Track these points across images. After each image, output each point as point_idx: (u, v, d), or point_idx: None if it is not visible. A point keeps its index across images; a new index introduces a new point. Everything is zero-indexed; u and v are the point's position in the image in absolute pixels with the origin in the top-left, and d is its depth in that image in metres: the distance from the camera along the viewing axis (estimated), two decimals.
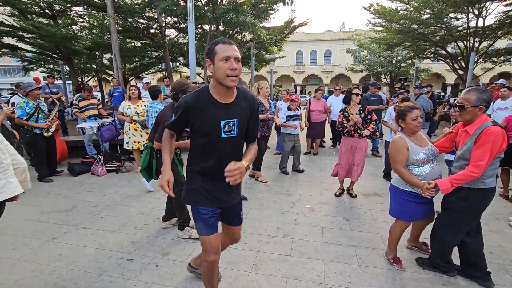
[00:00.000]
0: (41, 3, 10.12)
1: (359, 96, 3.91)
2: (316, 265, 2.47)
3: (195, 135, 1.61)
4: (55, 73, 15.10)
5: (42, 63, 14.19)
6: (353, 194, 4.04)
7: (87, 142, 5.62)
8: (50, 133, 4.66)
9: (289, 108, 4.90)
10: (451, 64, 14.48)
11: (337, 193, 4.10)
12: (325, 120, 6.62)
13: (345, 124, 3.82)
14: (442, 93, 20.41)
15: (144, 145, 3.21)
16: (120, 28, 11.24)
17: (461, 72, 13.70)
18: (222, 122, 1.53)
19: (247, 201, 3.84)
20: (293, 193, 4.17)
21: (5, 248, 2.70)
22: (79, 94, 5.79)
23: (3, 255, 2.58)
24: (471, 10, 11.65)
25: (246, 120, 1.64)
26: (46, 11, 10.56)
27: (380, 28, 15.62)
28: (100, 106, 5.91)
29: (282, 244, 2.80)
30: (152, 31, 12.86)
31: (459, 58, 13.76)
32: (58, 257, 2.57)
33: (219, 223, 1.81)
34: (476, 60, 12.24)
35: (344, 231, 3.07)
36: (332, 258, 2.57)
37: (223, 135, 1.56)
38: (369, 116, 3.84)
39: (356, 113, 3.77)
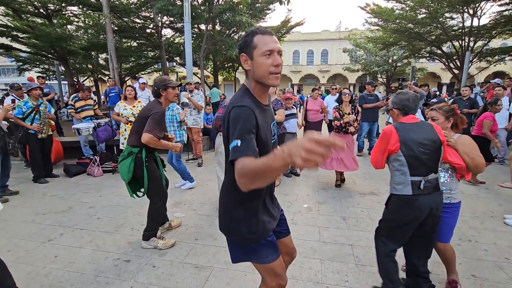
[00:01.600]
0: (36, 3, 10.03)
1: (347, 95, 4.31)
2: (313, 264, 2.47)
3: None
4: (51, 73, 14.99)
5: (37, 63, 14.08)
6: (343, 177, 4.57)
7: (83, 142, 5.58)
8: (44, 135, 4.61)
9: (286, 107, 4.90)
10: (447, 64, 14.60)
11: (337, 184, 4.46)
12: (322, 119, 6.64)
13: (339, 119, 4.23)
14: (438, 92, 20.56)
15: (125, 151, 2.62)
16: (116, 28, 11.18)
17: (456, 71, 13.81)
18: (272, 126, 1.34)
19: None
20: (290, 193, 4.17)
21: (0, 250, 2.68)
22: (75, 95, 5.74)
23: None
24: (466, 10, 11.75)
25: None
26: (41, 10, 10.47)
27: (376, 28, 15.70)
28: (96, 106, 5.87)
29: None
30: (148, 31, 12.80)
31: (454, 58, 13.87)
32: (54, 258, 2.55)
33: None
34: (471, 59, 12.34)
35: (341, 230, 3.09)
36: (329, 257, 2.58)
37: (272, 141, 1.32)
38: (356, 116, 4.28)
39: (349, 113, 4.22)
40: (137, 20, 12.20)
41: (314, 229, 3.10)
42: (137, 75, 11.01)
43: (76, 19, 12.42)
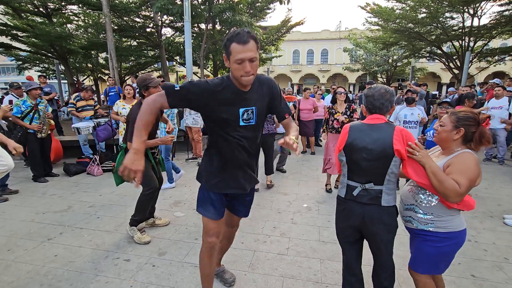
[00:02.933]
0: (35, 1, 9.99)
1: (343, 94, 4.25)
2: (313, 264, 2.47)
3: (213, 123, 1.61)
4: (50, 72, 14.96)
5: (37, 62, 14.05)
6: (336, 185, 4.39)
7: (82, 142, 5.58)
8: (43, 135, 4.60)
9: None
10: (447, 64, 14.59)
11: (328, 189, 4.28)
12: (315, 119, 6.69)
13: (330, 121, 4.21)
14: (437, 93, 20.56)
15: (119, 145, 3.15)
16: (115, 27, 11.15)
17: (456, 71, 13.81)
18: (241, 110, 1.55)
19: None
20: (290, 192, 4.18)
21: None
22: (77, 94, 5.74)
23: None
24: (466, 10, 11.74)
25: (265, 106, 1.66)
26: (41, 9, 10.43)
27: (376, 27, 15.69)
28: (98, 106, 5.87)
29: (278, 243, 2.81)
30: (148, 30, 12.77)
31: (454, 57, 13.86)
32: (53, 257, 2.55)
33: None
34: (471, 59, 12.33)
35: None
36: (328, 257, 2.58)
37: (241, 123, 1.57)
38: (352, 114, 4.17)
39: (342, 112, 4.17)
40: (137, 19, 12.18)
41: (314, 229, 3.10)
42: (137, 74, 11.00)
43: (76, 18, 12.39)
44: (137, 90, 2.70)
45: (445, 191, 1.46)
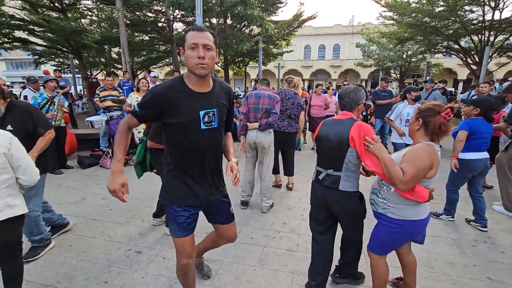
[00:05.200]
0: None
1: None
2: None
3: (170, 130, 1.47)
4: (65, 66, 15.30)
5: (52, 56, 14.38)
6: None
7: (102, 133, 5.62)
8: (57, 123, 4.67)
9: None
10: (464, 59, 14.09)
11: None
12: (326, 115, 6.60)
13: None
14: (454, 90, 19.94)
15: (139, 138, 3.20)
16: (128, 22, 11.27)
17: (474, 67, 13.33)
18: (201, 113, 1.44)
19: (252, 197, 3.83)
20: (300, 189, 4.15)
21: None
22: (102, 85, 5.77)
23: None
24: (487, 2, 11.26)
25: (225, 110, 1.56)
26: (56, 4, 10.65)
27: (390, 22, 15.26)
28: (123, 97, 5.72)
29: (288, 240, 2.80)
30: (160, 24, 12.86)
31: (472, 53, 13.38)
32: (68, 247, 2.62)
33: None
34: (490, 54, 11.87)
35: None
36: (339, 255, 2.55)
37: (203, 127, 1.46)
38: (369, 117, 3.75)
39: None
40: (149, 14, 12.27)
41: None
42: (149, 68, 11.10)
43: (90, 13, 12.58)
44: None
45: (392, 178, 1.61)
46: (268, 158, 3.40)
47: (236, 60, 16.65)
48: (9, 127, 2.17)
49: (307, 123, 6.62)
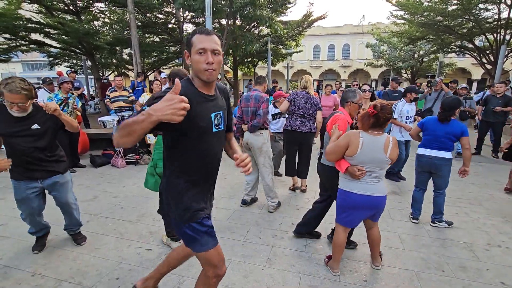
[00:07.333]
0: (66, 0, 10.48)
1: (368, 92, 4.01)
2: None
3: (184, 139, 1.35)
4: (78, 67, 15.69)
5: (66, 58, 14.78)
6: None
7: (114, 132, 5.73)
8: None
9: (275, 106, 4.55)
10: (479, 58, 13.73)
11: None
12: None
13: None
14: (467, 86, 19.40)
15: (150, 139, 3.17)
16: (139, 23, 11.47)
17: (489, 66, 12.97)
18: (212, 115, 1.41)
19: (259, 198, 3.84)
20: (308, 189, 4.13)
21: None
22: (112, 86, 5.91)
23: (32, 240, 2.73)
24: (503, 0, 10.95)
25: (227, 111, 1.56)
26: (70, 7, 10.96)
27: (402, 21, 15.01)
28: (133, 97, 5.86)
29: (296, 240, 2.80)
30: (170, 26, 13.04)
31: (487, 52, 13.02)
32: (81, 244, 2.69)
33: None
34: (506, 53, 11.53)
35: (360, 229, 3.00)
36: (347, 256, 2.54)
37: (214, 130, 1.42)
38: None
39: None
40: (160, 16, 12.45)
41: (332, 227, 3.05)
42: (160, 69, 11.27)
43: (102, 15, 12.89)
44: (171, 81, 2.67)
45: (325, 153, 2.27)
46: (262, 159, 3.41)
47: (245, 60, 16.70)
48: (35, 126, 2.26)
49: None
